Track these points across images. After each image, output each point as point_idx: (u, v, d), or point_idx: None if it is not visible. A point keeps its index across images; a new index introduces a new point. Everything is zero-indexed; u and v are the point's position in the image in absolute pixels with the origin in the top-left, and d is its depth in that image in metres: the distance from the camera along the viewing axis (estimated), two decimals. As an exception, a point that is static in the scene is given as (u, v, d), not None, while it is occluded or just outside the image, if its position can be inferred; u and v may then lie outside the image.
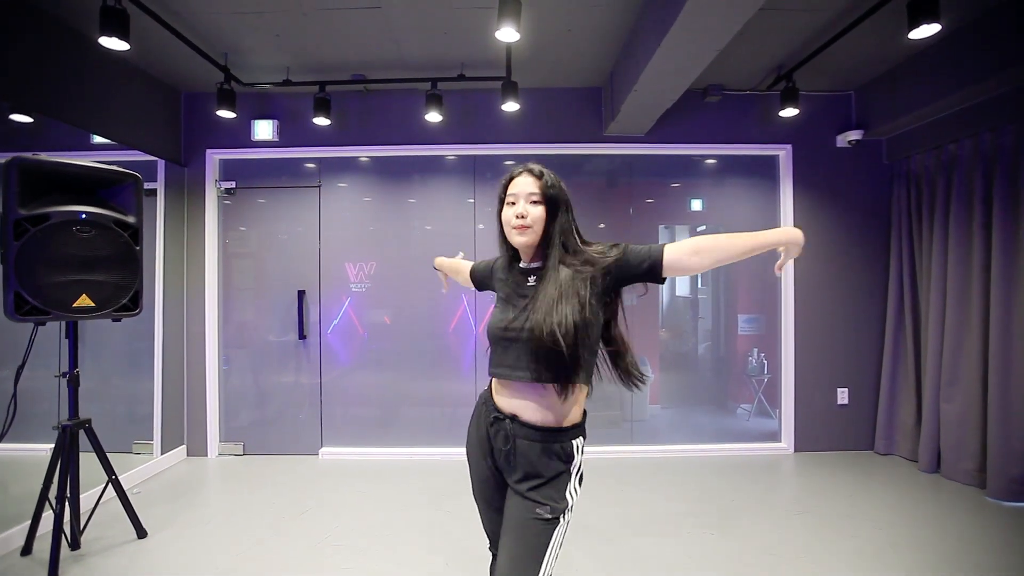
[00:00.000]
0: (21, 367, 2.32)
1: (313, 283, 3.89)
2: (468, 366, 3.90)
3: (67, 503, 2.30)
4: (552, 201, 1.31)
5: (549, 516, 1.22)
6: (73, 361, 2.40)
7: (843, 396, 3.88)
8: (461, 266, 1.78)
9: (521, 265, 1.39)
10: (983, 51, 2.85)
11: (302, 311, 3.84)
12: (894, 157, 3.80)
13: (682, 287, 4.57)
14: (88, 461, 2.42)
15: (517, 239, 1.32)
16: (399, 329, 3.91)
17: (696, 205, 4.14)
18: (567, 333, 1.18)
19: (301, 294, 3.85)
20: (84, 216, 2.24)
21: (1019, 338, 2.92)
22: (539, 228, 1.31)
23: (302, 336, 3.85)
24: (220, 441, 3.88)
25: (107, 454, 2.47)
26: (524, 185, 1.32)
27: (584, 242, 1.34)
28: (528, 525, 1.22)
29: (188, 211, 3.85)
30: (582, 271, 1.26)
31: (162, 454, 3.62)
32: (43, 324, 2.24)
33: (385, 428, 3.89)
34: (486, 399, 1.39)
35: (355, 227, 3.92)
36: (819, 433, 3.87)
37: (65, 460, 2.31)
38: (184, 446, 3.83)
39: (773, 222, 3.93)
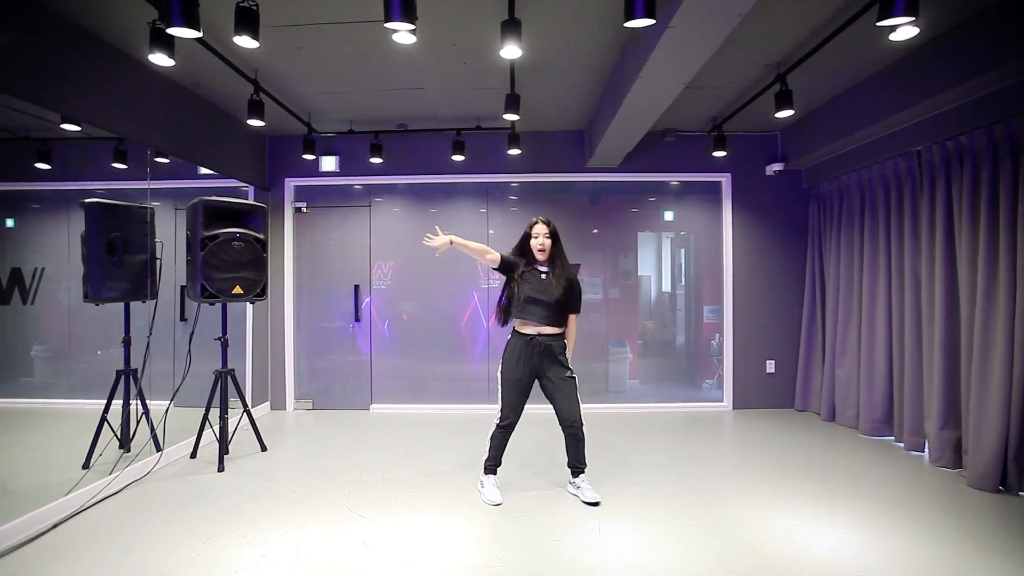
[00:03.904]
0: (192, 333, 3.56)
1: (364, 279, 5.11)
2: (480, 352, 5.08)
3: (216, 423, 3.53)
4: (555, 236, 2.88)
5: (571, 376, 2.85)
6: (224, 329, 3.63)
7: (771, 366, 5.03)
8: (486, 248, 2.91)
9: (537, 268, 2.87)
10: (866, 109, 3.82)
11: (357, 300, 5.06)
12: (810, 183, 4.95)
13: (666, 284, 5.72)
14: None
15: (539, 255, 2.86)
16: (424, 319, 5.11)
17: (668, 216, 5.33)
18: (566, 299, 2.82)
19: (356, 287, 5.07)
20: (238, 235, 3.46)
21: (880, 320, 4.06)
22: (549, 250, 2.86)
23: (357, 319, 5.07)
24: (295, 399, 5.11)
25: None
26: (541, 228, 2.87)
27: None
28: (566, 383, 2.80)
29: (270, 225, 5.07)
30: (565, 275, 2.84)
31: (252, 407, 4.85)
32: (213, 305, 3.47)
33: (418, 392, 5.10)
34: (518, 337, 2.83)
35: (391, 235, 5.13)
36: (752, 395, 5.02)
37: (223, 394, 3.55)
38: (268, 402, 5.07)
39: (719, 233, 5.10)
